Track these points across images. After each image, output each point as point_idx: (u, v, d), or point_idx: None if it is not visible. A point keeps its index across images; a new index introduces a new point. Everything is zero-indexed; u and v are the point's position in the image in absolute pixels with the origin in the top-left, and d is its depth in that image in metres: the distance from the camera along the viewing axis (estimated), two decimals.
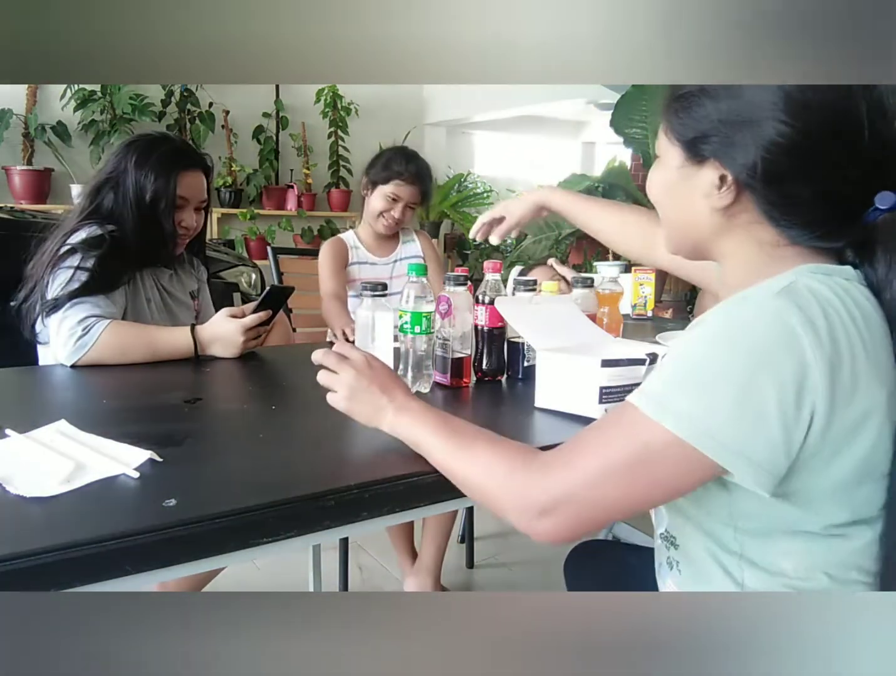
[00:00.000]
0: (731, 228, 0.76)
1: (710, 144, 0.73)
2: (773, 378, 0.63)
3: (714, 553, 0.75)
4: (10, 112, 4.11)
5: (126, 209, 1.48)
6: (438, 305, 1.20)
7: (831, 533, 0.70)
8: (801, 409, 0.63)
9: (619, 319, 1.47)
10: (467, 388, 1.24)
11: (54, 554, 0.63)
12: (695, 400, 0.64)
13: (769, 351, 0.63)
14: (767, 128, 0.68)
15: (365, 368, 0.89)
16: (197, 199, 1.56)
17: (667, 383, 0.67)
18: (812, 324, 0.64)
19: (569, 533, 0.69)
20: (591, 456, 0.68)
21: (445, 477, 0.81)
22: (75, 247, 1.40)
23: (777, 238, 0.73)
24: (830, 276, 0.69)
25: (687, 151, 0.76)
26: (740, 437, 0.63)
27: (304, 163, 5.37)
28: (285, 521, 0.75)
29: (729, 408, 0.63)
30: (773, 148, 0.68)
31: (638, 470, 0.66)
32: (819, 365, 0.63)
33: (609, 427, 0.70)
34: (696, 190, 0.76)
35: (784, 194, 0.71)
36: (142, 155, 1.49)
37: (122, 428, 0.95)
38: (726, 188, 0.73)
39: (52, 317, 1.35)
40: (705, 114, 0.73)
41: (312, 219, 5.37)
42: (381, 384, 0.88)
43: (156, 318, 1.53)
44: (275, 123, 5.26)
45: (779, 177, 0.70)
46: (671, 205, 0.81)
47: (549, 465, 0.70)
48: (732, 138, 0.71)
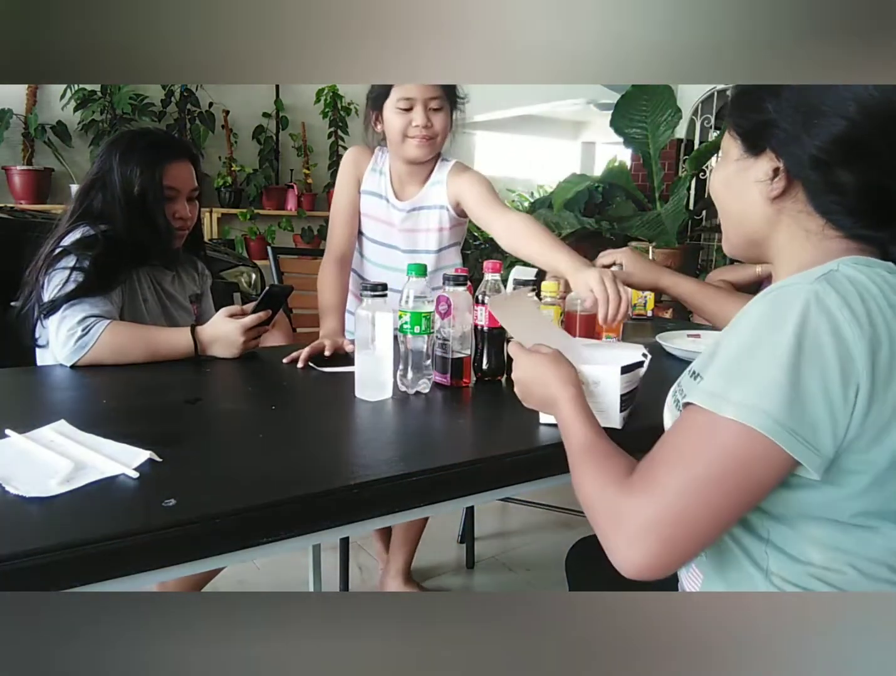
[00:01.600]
0: (781, 218, 0.79)
1: (767, 135, 0.76)
2: (817, 360, 0.64)
3: (739, 537, 0.75)
4: (10, 112, 4.11)
5: (116, 206, 1.47)
6: (438, 305, 1.20)
7: (860, 524, 0.70)
8: (846, 390, 0.65)
9: None
10: (467, 388, 1.24)
11: (54, 554, 0.63)
12: (749, 387, 0.66)
13: (811, 334, 0.65)
14: (823, 121, 0.71)
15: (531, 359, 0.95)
16: (187, 189, 1.55)
17: (720, 376, 0.69)
18: (849, 307, 0.66)
19: (661, 560, 0.66)
20: (670, 472, 0.68)
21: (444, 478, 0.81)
22: (68, 249, 1.40)
23: (823, 227, 0.76)
24: (871, 267, 0.71)
25: (745, 143, 0.79)
26: (793, 418, 0.64)
27: (304, 163, 5.37)
28: (285, 521, 0.75)
29: (780, 391, 0.64)
30: (827, 138, 0.71)
31: (717, 473, 0.66)
32: (859, 345, 0.64)
33: (678, 437, 0.70)
34: (751, 180, 0.79)
35: (831, 182, 0.73)
36: (126, 151, 1.48)
37: (122, 428, 0.95)
38: (779, 178, 0.76)
39: (51, 319, 1.34)
40: (764, 107, 0.75)
41: (312, 219, 5.37)
42: (542, 375, 0.92)
43: (152, 319, 1.53)
44: (275, 123, 5.26)
45: (828, 165, 0.72)
46: (728, 197, 0.84)
47: (633, 487, 0.70)
48: (788, 131, 0.74)
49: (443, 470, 0.86)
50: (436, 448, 0.98)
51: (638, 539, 0.66)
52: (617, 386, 0.97)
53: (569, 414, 0.86)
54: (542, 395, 0.93)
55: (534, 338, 1.03)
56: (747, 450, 0.65)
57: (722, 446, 0.66)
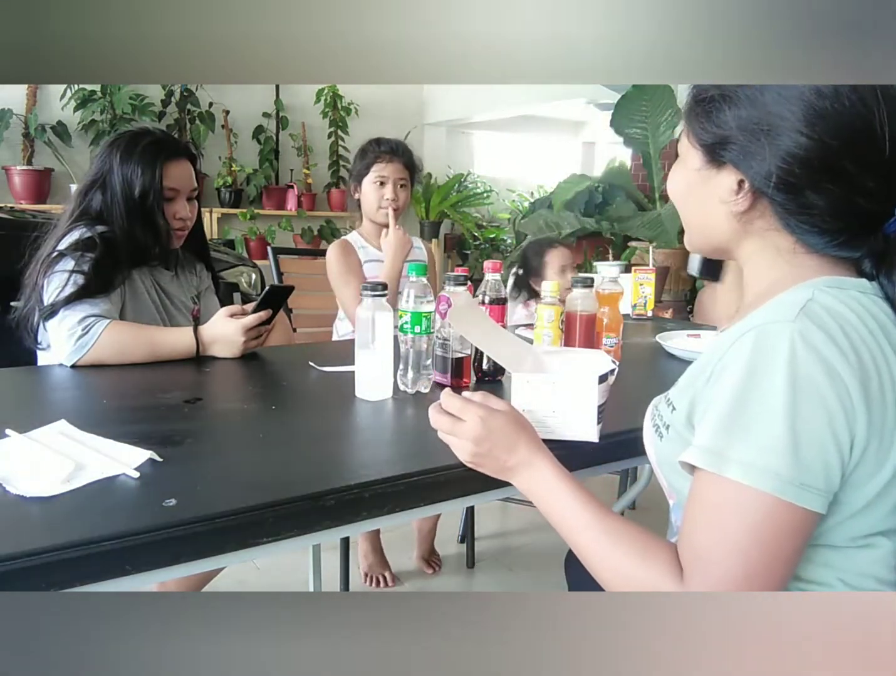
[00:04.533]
0: (748, 234, 0.76)
1: (728, 150, 0.73)
2: (817, 401, 0.62)
3: None
4: (10, 112, 4.12)
5: (116, 207, 1.47)
6: (438, 305, 1.20)
7: (850, 545, 0.69)
8: (850, 425, 0.63)
9: (619, 319, 1.47)
10: (467, 388, 1.23)
11: (54, 553, 0.63)
12: (750, 443, 0.63)
13: (805, 378, 0.63)
14: (785, 138, 0.68)
15: (488, 418, 0.81)
16: (187, 189, 1.55)
17: (720, 432, 0.66)
18: (835, 342, 0.64)
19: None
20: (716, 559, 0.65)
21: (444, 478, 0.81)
22: (67, 251, 1.40)
23: (794, 245, 0.74)
24: (844, 290, 0.69)
25: (706, 155, 0.76)
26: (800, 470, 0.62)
27: (304, 163, 5.38)
28: (285, 521, 0.75)
29: (780, 445, 0.62)
30: (789, 158, 0.69)
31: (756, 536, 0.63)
32: (852, 380, 0.63)
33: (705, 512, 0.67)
34: (715, 193, 0.76)
35: (800, 203, 0.71)
36: (125, 151, 1.47)
37: (122, 428, 0.95)
38: (743, 194, 0.73)
39: (51, 321, 1.34)
40: (725, 121, 0.73)
41: (312, 219, 5.38)
42: (507, 437, 0.81)
43: (152, 319, 1.53)
44: (275, 123, 5.26)
45: (795, 186, 0.70)
46: (690, 206, 0.82)
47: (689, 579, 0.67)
48: (750, 146, 0.71)
49: (443, 470, 0.86)
50: (436, 448, 0.98)
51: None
52: (594, 396, 0.92)
53: (554, 487, 0.78)
54: (505, 462, 0.81)
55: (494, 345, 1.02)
56: (762, 511, 0.63)
57: (743, 513, 0.64)
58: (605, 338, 1.43)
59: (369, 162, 2.05)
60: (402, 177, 2.05)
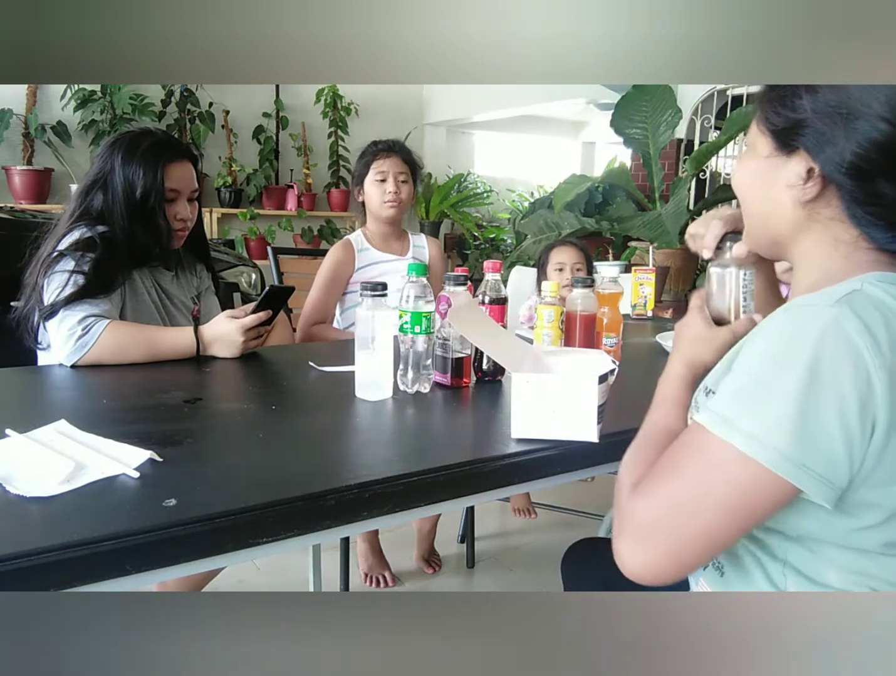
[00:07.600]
0: (810, 224, 0.75)
1: (802, 134, 0.71)
2: (834, 390, 0.62)
3: (757, 556, 0.74)
4: (10, 112, 4.12)
5: (117, 207, 1.46)
6: (438, 305, 1.20)
7: (886, 552, 0.68)
8: (864, 420, 0.62)
9: (619, 319, 1.47)
10: (467, 388, 1.24)
11: (54, 553, 0.63)
12: (759, 418, 0.64)
13: (827, 363, 0.62)
14: (864, 123, 0.67)
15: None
16: (188, 190, 1.55)
17: (731, 401, 0.67)
18: (870, 333, 0.63)
19: (653, 570, 0.67)
20: (667, 484, 0.68)
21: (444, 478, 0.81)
22: (67, 252, 1.39)
23: (856, 238, 0.72)
24: None
25: (777, 141, 0.74)
26: (803, 451, 0.62)
27: (304, 163, 5.38)
28: (285, 521, 0.75)
29: (791, 424, 0.62)
30: (867, 144, 0.67)
31: (715, 496, 0.65)
32: (879, 374, 0.62)
33: (682, 452, 0.69)
34: (782, 180, 0.75)
35: (870, 192, 0.70)
36: (127, 151, 1.47)
37: (122, 428, 0.95)
38: (812, 181, 0.72)
39: (51, 321, 1.34)
40: (800, 105, 0.71)
41: (312, 219, 5.38)
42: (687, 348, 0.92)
43: (152, 319, 1.53)
44: (275, 123, 5.26)
45: (868, 173, 0.69)
46: (755, 194, 0.80)
47: (636, 491, 0.70)
48: (826, 131, 0.69)
49: (443, 470, 0.86)
50: (436, 448, 0.98)
51: (633, 543, 0.68)
52: (594, 396, 0.93)
53: (666, 390, 0.87)
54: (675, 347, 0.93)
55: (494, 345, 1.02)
56: (750, 482, 0.63)
57: (723, 472, 0.64)
58: (605, 338, 1.43)
59: (368, 161, 2.09)
60: (402, 171, 2.08)
